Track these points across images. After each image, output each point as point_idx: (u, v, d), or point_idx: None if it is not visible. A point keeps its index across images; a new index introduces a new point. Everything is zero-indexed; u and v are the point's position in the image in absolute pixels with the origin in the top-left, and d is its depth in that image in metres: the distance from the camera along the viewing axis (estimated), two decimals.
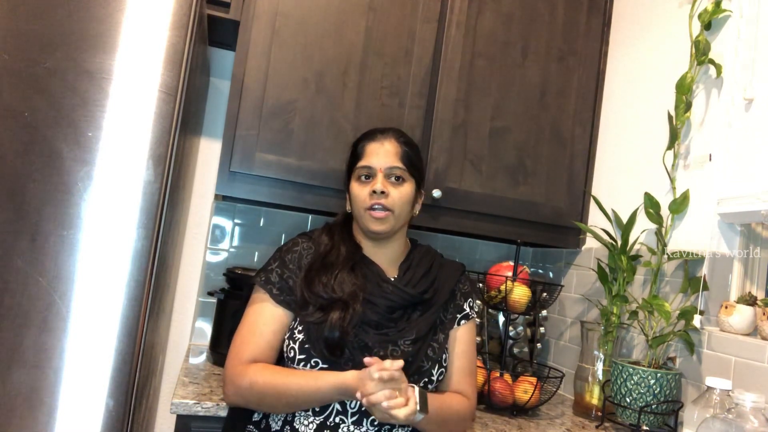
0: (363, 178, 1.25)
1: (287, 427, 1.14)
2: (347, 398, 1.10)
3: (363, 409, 1.13)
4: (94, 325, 1.05)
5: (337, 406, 1.13)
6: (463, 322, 1.30)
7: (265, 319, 1.19)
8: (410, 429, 1.17)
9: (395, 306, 1.22)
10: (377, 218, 1.23)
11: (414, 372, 1.18)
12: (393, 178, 1.25)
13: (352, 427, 1.12)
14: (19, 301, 1.02)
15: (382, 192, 1.22)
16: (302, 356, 1.15)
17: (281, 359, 1.22)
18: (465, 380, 1.28)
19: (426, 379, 1.20)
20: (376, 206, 1.22)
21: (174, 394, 1.31)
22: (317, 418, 1.13)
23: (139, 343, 1.09)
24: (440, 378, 1.23)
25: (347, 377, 1.06)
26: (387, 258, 1.30)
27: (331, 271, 1.21)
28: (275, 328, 1.19)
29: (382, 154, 1.25)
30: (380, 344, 1.16)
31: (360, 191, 1.25)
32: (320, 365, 1.14)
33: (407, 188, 1.26)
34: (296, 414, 1.14)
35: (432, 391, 1.21)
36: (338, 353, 1.13)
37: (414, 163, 1.28)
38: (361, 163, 1.26)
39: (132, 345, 1.07)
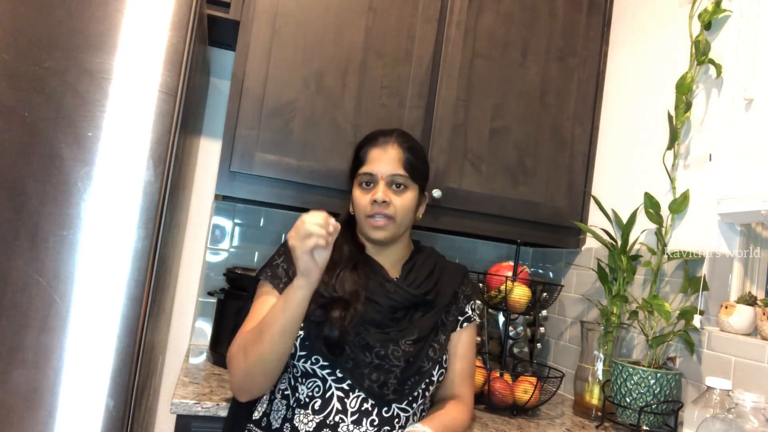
0: (365, 184, 1.25)
1: (287, 424, 1.15)
2: (303, 285, 1.05)
3: (363, 408, 1.13)
4: (94, 325, 1.05)
5: (337, 405, 1.13)
6: (465, 324, 1.31)
7: None
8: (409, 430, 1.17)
9: (397, 306, 1.22)
10: (377, 227, 1.23)
11: (415, 372, 1.18)
12: (395, 186, 1.24)
13: (351, 427, 1.12)
14: (19, 301, 1.02)
15: (384, 201, 1.21)
16: (303, 353, 1.15)
17: None
18: (465, 383, 1.29)
19: (427, 380, 1.20)
20: (377, 215, 1.22)
21: (174, 394, 1.31)
22: (317, 417, 1.13)
23: (139, 343, 1.09)
24: (440, 379, 1.23)
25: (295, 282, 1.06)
26: (390, 259, 1.30)
27: (333, 269, 1.20)
28: None
29: (385, 161, 1.24)
30: (382, 343, 1.16)
31: (361, 198, 1.24)
32: (321, 362, 1.14)
33: (409, 195, 1.26)
34: (296, 412, 1.14)
35: (435, 406, 1.25)
36: (338, 352, 1.13)
37: (417, 169, 1.27)
38: (363, 170, 1.25)
39: (132, 345, 1.07)
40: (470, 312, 1.32)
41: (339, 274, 1.20)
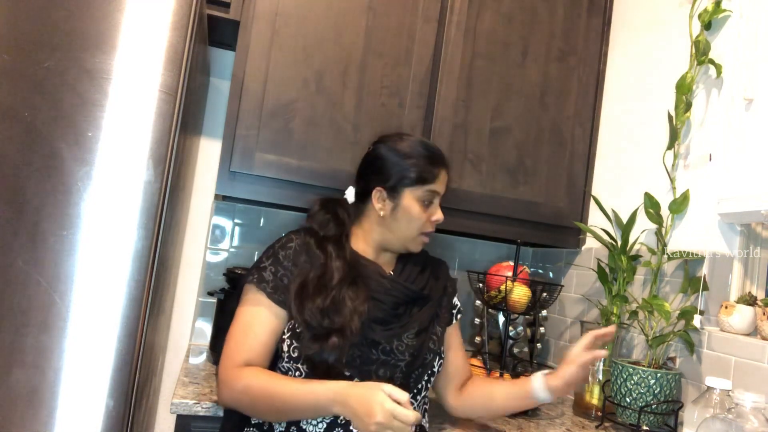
0: (426, 201, 1.27)
1: (293, 427, 1.13)
2: (340, 412, 1.04)
3: None
4: (94, 325, 1.05)
5: None
6: (459, 316, 1.39)
7: (260, 319, 1.17)
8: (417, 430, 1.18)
9: (398, 301, 1.24)
10: (425, 243, 1.30)
11: (419, 365, 1.21)
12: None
13: None
14: (19, 301, 1.01)
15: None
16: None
17: (275, 359, 1.21)
18: (468, 366, 1.40)
19: (429, 371, 1.24)
20: (429, 234, 1.28)
21: (174, 394, 1.31)
22: (327, 417, 1.12)
23: (139, 343, 1.09)
24: (439, 369, 1.28)
25: (348, 390, 1.03)
26: (386, 257, 1.33)
27: (327, 292, 1.17)
28: (270, 328, 1.17)
29: (445, 183, 1.30)
30: (386, 339, 1.18)
31: (421, 215, 1.26)
32: None
33: None
34: None
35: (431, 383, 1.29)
36: (333, 372, 1.12)
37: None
38: (432, 187, 1.26)
39: (132, 345, 1.07)
40: (459, 303, 1.40)
41: (333, 297, 1.16)
